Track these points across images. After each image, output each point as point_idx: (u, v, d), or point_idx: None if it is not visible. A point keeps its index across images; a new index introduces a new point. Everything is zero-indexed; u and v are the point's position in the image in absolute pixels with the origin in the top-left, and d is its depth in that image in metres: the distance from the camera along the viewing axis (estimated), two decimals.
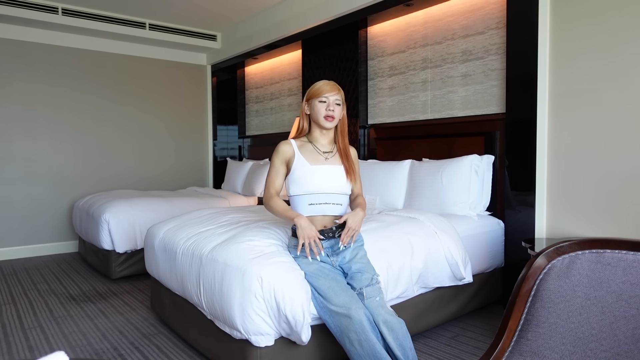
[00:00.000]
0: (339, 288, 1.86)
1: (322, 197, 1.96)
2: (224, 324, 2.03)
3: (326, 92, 1.97)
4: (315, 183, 1.95)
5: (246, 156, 5.93)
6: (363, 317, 1.77)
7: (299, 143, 2.04)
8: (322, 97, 1.96)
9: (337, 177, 1.99)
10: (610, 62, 2.46)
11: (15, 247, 4.78)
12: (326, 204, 1.97)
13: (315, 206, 1.97)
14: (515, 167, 2.89)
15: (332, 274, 1.92)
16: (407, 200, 3.22)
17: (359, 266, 1.97)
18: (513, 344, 1.09)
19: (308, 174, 1.96)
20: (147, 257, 2.80)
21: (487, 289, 2.94)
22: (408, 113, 3.74)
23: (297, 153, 2.00)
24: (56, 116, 5.00)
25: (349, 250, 1.98)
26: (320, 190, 1.96)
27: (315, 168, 1.97)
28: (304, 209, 1.98)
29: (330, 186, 1.97)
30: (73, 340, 2.62)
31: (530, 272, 1.09)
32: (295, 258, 1.98)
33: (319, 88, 1.98)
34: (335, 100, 1.98)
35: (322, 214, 1.98)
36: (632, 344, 1.04)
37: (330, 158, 2.02)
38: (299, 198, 1.99)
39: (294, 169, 1.99)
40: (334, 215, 2.00)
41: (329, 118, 1.96)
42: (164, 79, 5.77)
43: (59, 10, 4.58)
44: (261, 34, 4.89)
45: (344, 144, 2.06)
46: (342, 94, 2.02)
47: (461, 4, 3.34)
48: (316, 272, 1.91)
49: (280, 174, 2.03)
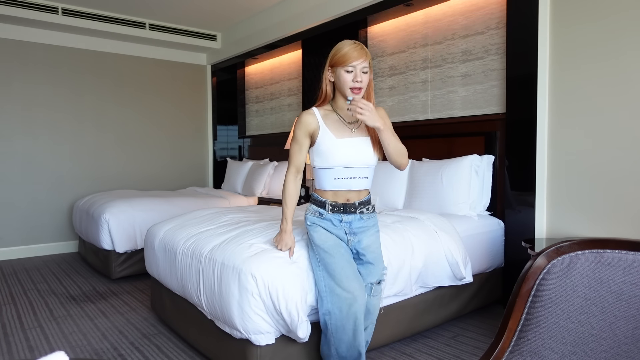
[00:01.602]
0: (352, 273, 1.84)
1: (348, 172, 1.84)
2: (224, 324, 2.03)
3: (353, 60, 1.74)
4: (341, 157, 1.82)
5: (246, 156, 5.93)
6: (362, 310, 1.82)
7: (323, 112, 1.87)
8: (349, 66, 1.75)
9: (364, 150, 1.84)
10: (610, 61, 2.46)
11: (15, 247, 4.78)
12: (352, 179, 1.85)
13: (340, 180, 1.85)
14: (515, 167, 2.89)
15: (347, 254, 1.87)
16: (407, 200, 3.22)
17: (374, 256, 1.92)
18: (513, 344, 1.09)
19: (334, 148, 1.81)
20: (147, 257, 2.80)
21: (487, 289, 2.94)
22: (408, 113, 3.74)
23: (322, 124, 1.84)
24: (56, 116, 5.00)
25: (366, 234, 1.91)
26: (347, 164, 1.83)
27: (341, 142, 1.82)
28: (328, 183, 1.87)
29: (356, 160, 1.84)
30: (73, 340, 2.62)
31: (530, 272, 1.09)
32: (310, 227, 1.91)
33: (345, 54, 1.75)
34: (362, 69, 1.77)
35: (347, 188, 1.87)
36: (632, 344, 1.04)
37: (355, 130, 1.86)
38: (323, 172, 1.87)
39: (319, 142, 1.84)
40: (359, 189, 1.89)
41: (355, 90, 1.77)
42: (164, 79, 5.77)
43: (59, 10, 4.58)
44: (261, 34, 4.89)
45: None
46: (370, 57, 1.80)
47: (461, 4, 3.34)
48: (332, 249, 1.84)
49: (304, 148, 1.89)
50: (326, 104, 1.90)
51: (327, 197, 1.89)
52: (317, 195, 1.92)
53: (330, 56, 1.83)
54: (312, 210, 1.92)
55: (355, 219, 1.89)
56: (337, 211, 1.87)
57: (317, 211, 1.90)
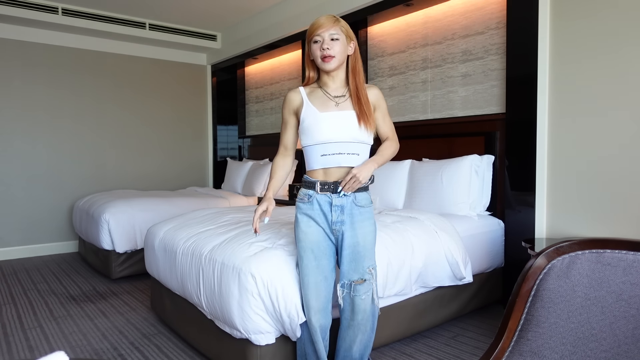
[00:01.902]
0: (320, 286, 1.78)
1: (335, 147, 1.74)
2: (224, 324, 2.04)
3: (319, 29, 1.70)
4: (326, 131, 1.73)
5: (246, 156, 5.93)
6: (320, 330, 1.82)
7: (309, 90, 1.83)
8: (315, 36, 1.72)
9: (349, 124, 1.74)
10: (611, 61, 2.46)
11: (15, 247, 4.78)
12: (340, 154, 1.74)
13: (328, 157, 1.75)
14: (515, 167, 2.89)
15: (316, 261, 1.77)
16: (407, 200, 3.22)
17: (361, 250, 1.78)
18: (513, 344, 1.09)
19: (316, 122, 1.74)
20: (147, 257, 2.80)
21: (487, 289, 2.94)
22: (408, 113, 3.74)
23: (306, 101, 1.79)
24: (56, 116, 5.00)
25: (357, 226, 1.78)
26: (332, 139, 1.73)
27: (324, 115, 1.75)
28: (316, 161, 1.77)
29: (342, 135, 1.73)
30: (73, 340, 2.62)
31: (530, 272, 1.09)
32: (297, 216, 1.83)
33: (311, 26, 1.73)
34: (330, 36, 1.70)
35: (336, 165, 1.76)
36: (632, 344, 1.04)
37: (341, 103, 1.77)
38: (311, 149, 1.78)
39: (303, 118, 1.78)
40: (351, 166, 1.77)
41: (326, 59, 1.70)
42: (164, 79, 5.77)
43: (59, 10, 4.58)
44: (261, 34, 4.89)
45: (355, 84, 1.77)
46: (342, 24, 1.74)
47: (461, 4, 3.34)
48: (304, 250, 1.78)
49: (290, 126, 1.85)
50: (312, 83, 1.86)
51: (318, 177, 1.79)
52: (308, 176, 1.82)
53: (306, 34, 1.80)
54: (302, 194, 1.81)
55: (348, 204, 1.77)
56: (327, 190, 1.75)
57: (306, 194, 1.79)
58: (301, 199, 1.81)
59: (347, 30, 1.75)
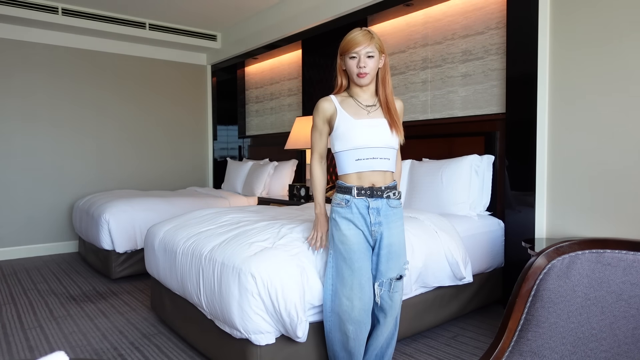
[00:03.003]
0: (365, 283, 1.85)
1: (369, 152, 1.85)
2: (224, 324, 2.04)
3: (356, 46, 1.81)
4: (361, 137, 1.85)
5: (246, 156, 5.93)
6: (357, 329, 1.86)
7: (340, 98, 1.93)
8: (352, 52, 1.82)
9: (382, 130, 1.86)
10: (611, 60, 2.46)
11: (15, 247, 4.78)
12: (373, 159, 1.86)
13: (362, 161, 1.86)
14: (515, 167, 2.89)
15: (362, 261, 1.84)
16: (407, 200, 3.22)
17: (396, 249, 1.89)
18: (513, 344, 1.09)
19: (353, 128, 1.85)
20: (147, 257, 2.80)
21: (487, 289, 2.94)
22: (408, 113, 3.74)
23: (340, 108, 1.89)
24: (56, 116, 5.00)
25: (391, 226, 1.89)
26: (367, 144, 1.85)
27: (359, 122, 1.86)
28: (350, 165, 1.87)
29: (376, 140, 1.86)
30: (73, 340, 2.62)
31: (530, 272, 1.09)
32: (334, 220, 1.89)
33: (348, 42, 1.83)
34: (366, 54, 1.81)
35: (370, 169, 1.87)
36: (632, 344, 1.04)
37: (372, 112, 1.90)
38: (345, 154, 1.88)
39: (337, 125, 1.88)
40: (382, 170, 1.89)
41: (361, 75, 1.83)
42: (164, 79, 5.77)
43: (59, 10, 4.58)
44: (261, 34, 4.89)
45: (385, 94, 1.90)
46: (376, 40, 1.84)
47: (461, 4, 3.34)
48: (349, 252, 1.83)
49: (324, 134, 1.94)
50: (342, 92, 1.96)
51: (352, 182, 1.88)
52: (342, 182, 1.90)
53: (340, 46, 1.88)
54: (338, 199, 1.89)
55: (383, 206, 1.87)
56: (364, 194, 1.85)
57: (344, 199, 1.87)
58: (338, 204, 1.89)
59: (380, 46, 1.85)
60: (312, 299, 1.94)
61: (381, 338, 1.97)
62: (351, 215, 1.85)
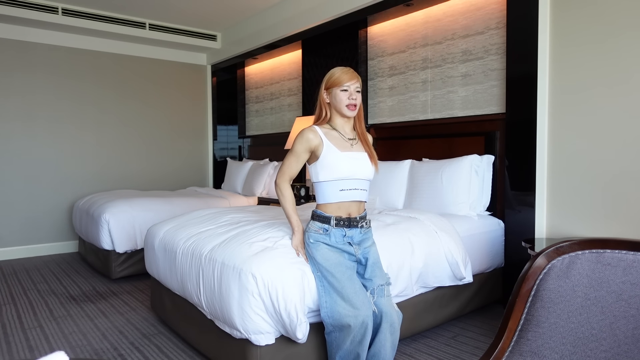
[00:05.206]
0: (358, 289, 1.88)
1: (352, 183, 1.98)
2: (224, 324, 2.03)
3: (347, 81, 1.96)
4: (347, 169, 1.96)
5: (246, 156, 5.93)
6: (370, 322, 1.85)
7: (324, 130, 2.02)
8: (344, 86, 1.96)
9: (365, 163, 2.01)
10: (611, 61, 2.46)
11: (15, 247, 4.78)
12: (355, 190, 1.99)
13: (345, 192, 1.98)
14: (515, 167, 2.89)
15: (349, 271, 1.93)
16: (407, 200, 3.22)
17: (376, 262, 2.00)
18: (513, 344, 1.09)
19: (339, 160, 1.96)
20: (147, 257, 2.80)
21: (487, 289, 2.94)
22: (408, 113, 3.74)
23: (325, 140, 1.98)
24: (56, 116, 5.00)
25: (366, 244, 2.01)
26: (352, 176, 1.97)
27: (345, 155, 1.97)
28: (333, 195, 1.97)
29: (360, 172, 1.99)
30: (73, 340, 2.62)
31: (530, 272, 1.09)
32: (313, 244, 1.97)
33: (339, 77, 1.97)
34: (356, 89, 1.98)
35: (351, 199, 1.98)
36: (632, 344, 1.04)
37: (355, 145, 2.03)
38: (329, 184, 1.98)
39: (324, 156, 1.97)
40: (360, 200, 2.02)
41: (351, 107, 1.97)
42: (164, 79, 5.77)
43: (59, 10, 4.58)
44: (261, 34, 4.89)
45: (361, 129, 2.07)
46: (360, 80, 2.03)
47: (461, 4, 3.34)
48: (335, 269, 1.90)
49: (301, 161, 2.02)
50: (325, 123, 2.06)
51: (331, 212, 1.97)
52: (320, 211, 1.99)
53: (325, 80, 2.01)
54: (316, 227, 1.98)
55: (356, 234, 2.00)
56: (342, 225, 1.96)
57: (322, 227, 1.97)
58: (316, 231, 1.98)
59: (361, 86, 2.03)
60: (311, 300, 1.94)
61: (387, 346, 1.94)
62: (329, 241, 1.96)
